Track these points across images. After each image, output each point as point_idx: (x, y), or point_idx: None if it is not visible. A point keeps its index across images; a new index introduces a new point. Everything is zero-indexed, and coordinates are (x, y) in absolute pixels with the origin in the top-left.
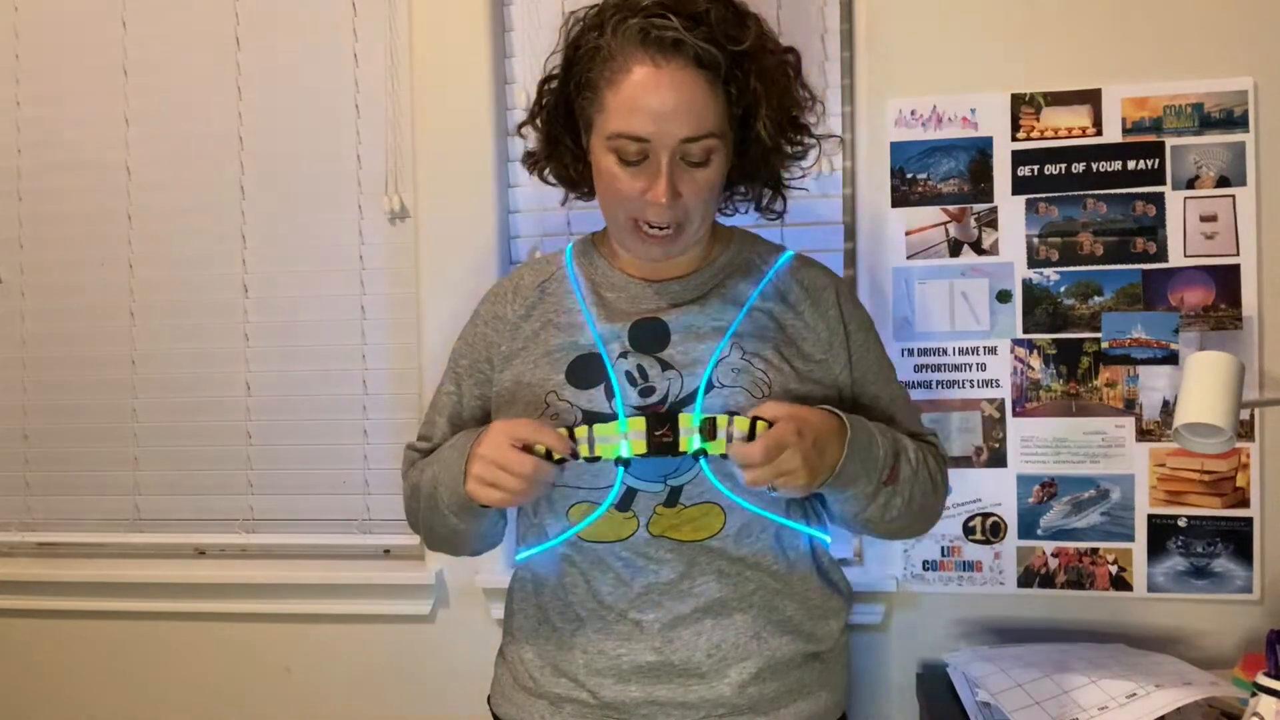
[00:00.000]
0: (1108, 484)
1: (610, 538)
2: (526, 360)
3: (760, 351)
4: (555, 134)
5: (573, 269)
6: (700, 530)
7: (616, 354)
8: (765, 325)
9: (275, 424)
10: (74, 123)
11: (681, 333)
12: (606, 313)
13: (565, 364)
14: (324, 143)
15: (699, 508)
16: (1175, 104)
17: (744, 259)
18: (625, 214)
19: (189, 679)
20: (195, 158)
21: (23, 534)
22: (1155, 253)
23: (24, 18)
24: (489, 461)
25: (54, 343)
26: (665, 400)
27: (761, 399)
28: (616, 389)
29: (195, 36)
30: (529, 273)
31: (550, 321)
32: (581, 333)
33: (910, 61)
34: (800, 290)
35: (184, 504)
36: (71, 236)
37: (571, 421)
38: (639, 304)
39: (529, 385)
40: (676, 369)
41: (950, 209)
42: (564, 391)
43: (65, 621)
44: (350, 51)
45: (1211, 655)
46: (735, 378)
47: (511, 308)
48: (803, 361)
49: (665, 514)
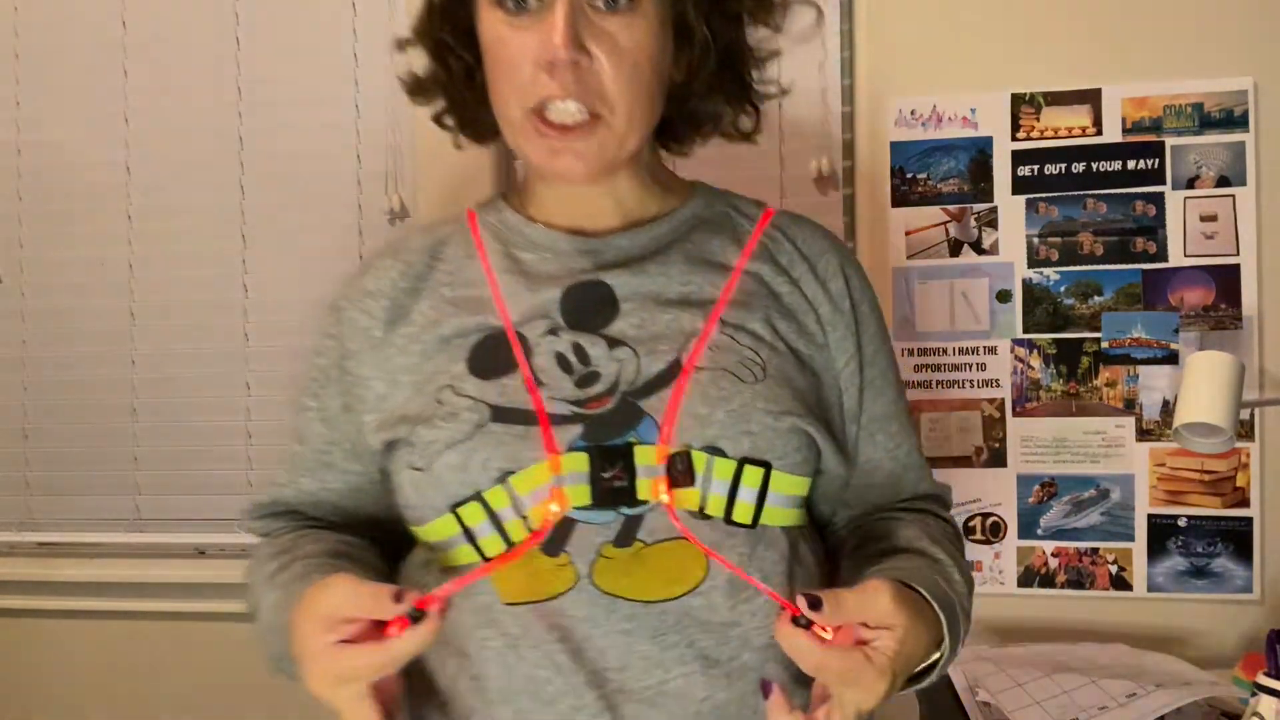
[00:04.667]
0: (1108, 484)
1: (529, 596)
2: (414, 348)
3: (745, 323)
4: (442, 41)
5: (476, 229)
6: (673, 582)
7: (541, 331)
8: (752, 291)
9: (276, 424)
10: (74, 123)
11: (635, 300)
12: (525, 280)
13: (467, 349)
14: (324, 142)
15: (667, 548)
16: (1175, 104)
17: (715, 212)
18: (519, 103)
19: (189, 679)
20: (195, 158)
21: (23, 534)
22: (1155, 253)
23: (24, 18)
24: (322, 675)
25: (54, 343)
26: (614, 389)
27: (753, 384)
28: (538, 378)
29: (195, 36)
30: (417, 236)
31: (444, 298)
32: (489, 308)
33: (910, 61)
34: (794, 252)
35: (184, 504)
36: (71, 236)
37: (474, 424)
38: (571, 265)
39: (417, 381)
40: (630, 345)
41: (950, 209)
42: (464, 385)
43: (65, 621)
44: (350, 51)
45: (1211, 655)
46: (714, 358)
47: (389, 277)
48: (804, 342)
49: (617, 558)
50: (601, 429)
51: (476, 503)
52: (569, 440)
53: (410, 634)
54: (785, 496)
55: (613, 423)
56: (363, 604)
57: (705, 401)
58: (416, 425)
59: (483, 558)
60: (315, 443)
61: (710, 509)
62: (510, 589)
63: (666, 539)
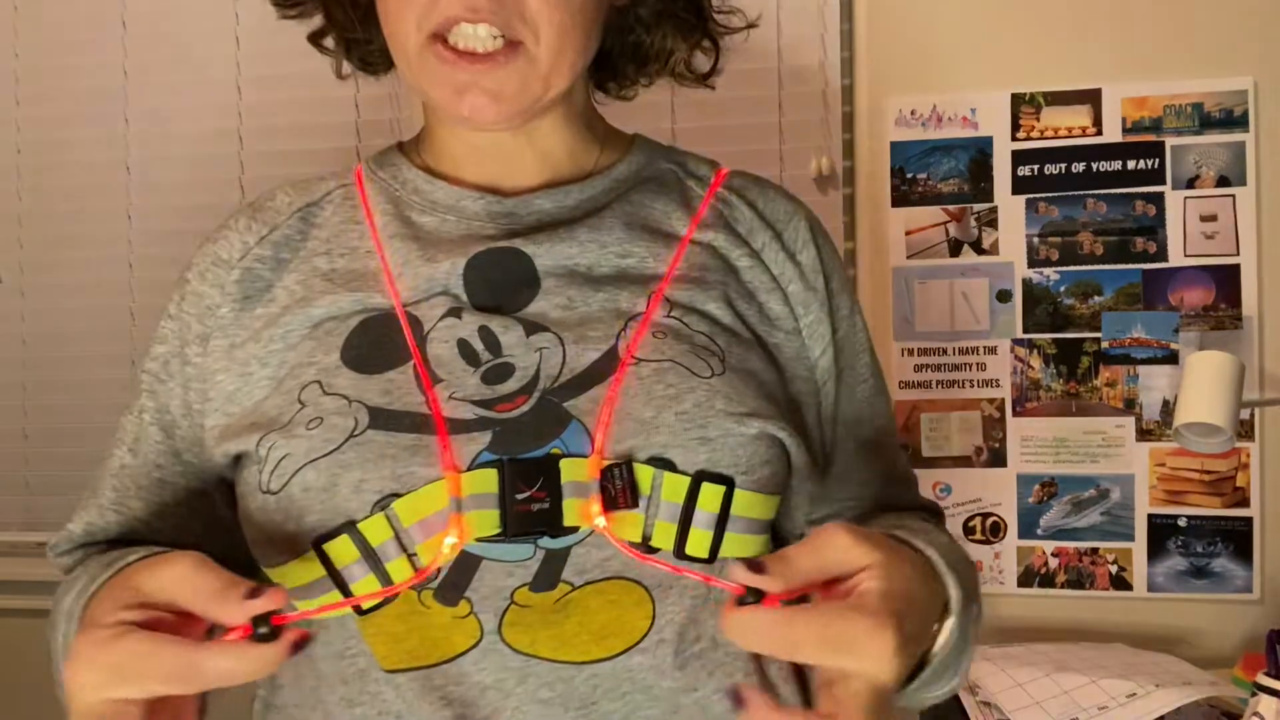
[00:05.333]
0: (1108, 484)
1: (416, 659)
2: (273, 332)
3: (698, 304)
4: None
5: (362, 185)
6: (608, 636)
7: (440, 312)
8: (705, 264)
9: None
10: (74, 123)
11: (561, 274)
12: (421, 248)
13: (342, 335)
14: (324, 142)
15: (602, 590)
16: (1175, 104)
17: (660, 170)
18: (417, 24)
19: None
20: (195, 158)
21: (23, 534)
22: (1155, 252)
23: (24, 18)
24: (90, 663)
25: (54, 343)
26: (534, 386)
27: (710, 379)
28: (434, 372)
29: (195, 36)
30: (285, 194)
31: (317, 271)
32: (374, 283)
33: (910, 61)
34: (754, 218)
35: None
36: (71, 236)
37: (346, 432)
38: (478, 228)
39: (275, 376)
40: (553, 331)
41: (950, 209)
42: (336, 380)
43: None
44: None
45: (1211, 655)
46: (660, 348)
47: (245, 242)
48: (767, 327)
49: (535, 605)
50: (516, 437)
51: (347, 536)
52: (473, 452)
53: (244, 651)
54: (750, 521)
55: (530, 429)
56: (203, 591)
57: (650, 401)
58: (270, 432)
59: (357, 610)
60: (148, 454)
61: (657, 539)
62: (391, 650)
63: (601, 579)
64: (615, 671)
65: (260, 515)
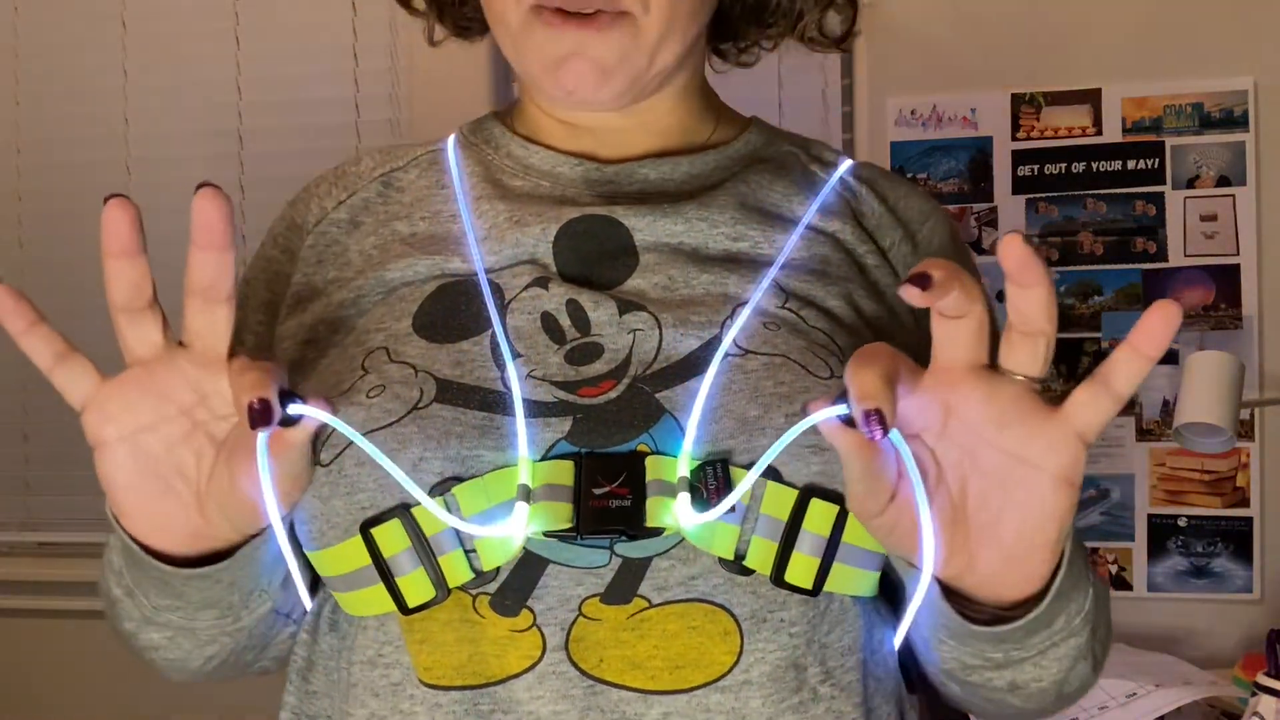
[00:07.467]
0: (1107, 484)
1: (464, 677)
2: (344, 296)
3: (817, 298)
4: None
5: (453, 153)
6: (685, 666)
7: (525, 281)
8: (827, 257)
9: None
10: (74, 122)
11: (663, 251)
12: (509, 209)
13: (417, 301)
14: (324, 142)
15: (682, 611)
16: (1175, 104)
17: (777, 152)
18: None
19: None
20: (195, 156)
21: (23, 534)
22: (1155, 252)
23: (24, 18)
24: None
25: None
26: (624, 370)
27: (829, 380)
28: (507, 350)
29: (195, 36)
30: (371, 158)
31: (397, 235)
32: (456, 248)
33: (910, 61)
34: (884, 212)
35: None
36: (71, 236)
37: (409, 404)
38: (574, 194)
39: (343, 341)
40: (651, 312)
41: (950, 209)
42: (405, 347)
43: (65, 621)
44: (350, 51)
45: (1211, 655)
46: (771, 340)
47: (321, 206)
48: (900, 334)
49: (607, 620)
50: (599, 427)
51: (398, 520)
52: (549, 440)
53: (242, 367)
54: (864, 553)
55: (616, 419)
56: (263, 377)
57: (756, 399)
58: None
59: (401, 608)
60: None
61: (753, 558)
62: (435, 663)
63: (683, 599)
64: (691, 710)
65: (309, 491)
